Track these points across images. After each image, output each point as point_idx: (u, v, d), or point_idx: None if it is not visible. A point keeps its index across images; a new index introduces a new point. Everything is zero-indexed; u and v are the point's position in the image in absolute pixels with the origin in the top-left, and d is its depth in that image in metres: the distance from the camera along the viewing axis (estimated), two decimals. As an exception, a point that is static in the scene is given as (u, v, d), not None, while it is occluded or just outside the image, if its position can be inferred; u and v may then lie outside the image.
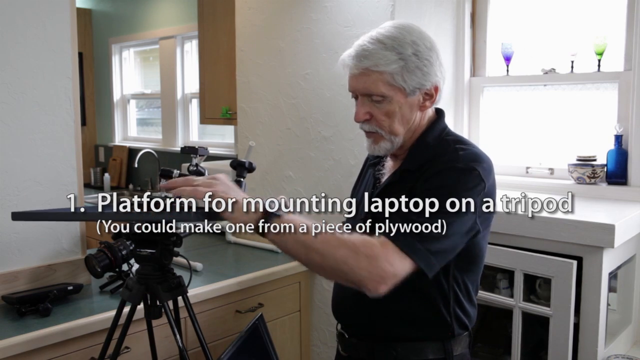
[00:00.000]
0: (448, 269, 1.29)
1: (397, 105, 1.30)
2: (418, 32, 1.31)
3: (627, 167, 2.12)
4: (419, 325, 1.34)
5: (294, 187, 2.47)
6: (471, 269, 1.35)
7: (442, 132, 1.37)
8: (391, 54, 1.26)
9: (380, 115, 1.31)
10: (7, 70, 1.81)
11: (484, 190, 1.25)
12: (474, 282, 1.37)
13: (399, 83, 1.27)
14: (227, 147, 4.10)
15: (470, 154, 1.29)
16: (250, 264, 2.29)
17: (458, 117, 2.52)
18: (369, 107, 1.31)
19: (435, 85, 1.32)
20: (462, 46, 2.48)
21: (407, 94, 1.29)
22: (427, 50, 1.29)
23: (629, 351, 2.03)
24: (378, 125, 1.32)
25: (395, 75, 1.27)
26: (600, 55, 2.17)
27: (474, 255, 1.34)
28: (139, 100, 5.27)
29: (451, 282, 1.31)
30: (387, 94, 1.29)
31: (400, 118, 1.31)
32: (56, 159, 1.93)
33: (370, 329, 1.39)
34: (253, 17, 2.57)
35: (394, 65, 1.26)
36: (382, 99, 1.29)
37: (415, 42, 1.28)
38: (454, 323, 1.34)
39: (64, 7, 1.92)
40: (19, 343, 1.55)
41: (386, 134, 1.33)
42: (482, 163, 1.28)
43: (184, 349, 1.46)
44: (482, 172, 1.25)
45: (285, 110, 2.48)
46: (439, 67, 1.31)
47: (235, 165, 1.57)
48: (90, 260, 1.48)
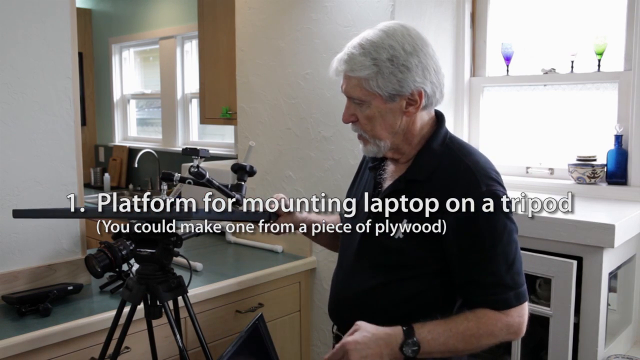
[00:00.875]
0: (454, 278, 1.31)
1: (377, 110, 1.30)
2: (401, 35, 1.28)
3: (627, 167, 2.12)
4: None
5: (294, 187, 2.47)
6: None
7: (445, 138, 1.36)
8: (366, 59, 1.26)
9: (362, 119, 1.32)
10: (7, 70, 1.81)
11: (508, 200, 1.27)
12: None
13: (374, 89, 1.27)
14: (227, 147, 4.10)
15: (494, 187, 1.27)
16: (251, 264, 2.29)
17: (458, 117, 2.52)
18: (354, 109, 1.33)
19: (418, 90, 1.28)
20: (462, 46, 2.48)
21: (384, 99, 1.28)
22: (405, 55, 1.26)
23: (629, 351, 2.03)
24: (362, 128, 1.34)
25: (369, 80, 1.27)
26: (600, 55, 2.17)
27: None
28: (139, 100, 5.27)
29: (457, 289, 1.32)
30: (364, 98, 1.29)
31: (382, 123, 1.31)
32: (56, 159, 1.93)
33: None
34: (253, 17, 2.57)
35: (366, 71, 1.26)
36: (362, 103, 1.30)
37: (393, 47, 1.26)
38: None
39: (64, 7, 1.92)
40: (19, 343, 1.55)
41: (370, 138, 1.34)
42: (500, 184, 1.29)
43: (184, 349, 1.46)
44: (501, 190, 1.28)
45: (285, 110, 2.49)
46: (421, 71, 1.28)
47: (237, 168, 1.58)
48: (90, 260, 1.48)
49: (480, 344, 1.25)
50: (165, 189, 1.50)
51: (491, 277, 1.25)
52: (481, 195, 1.24)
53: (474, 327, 1.24)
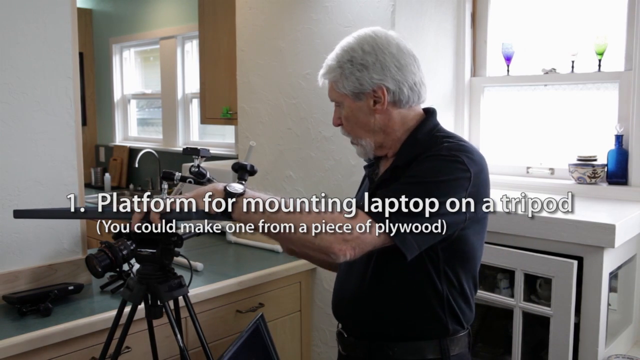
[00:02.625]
0: (438, 266, 1.30)
1: (349, 110, 1.37)
2: (364, 38, 1.35)
3: (628, 167, 2.12)
4: (415, 325, 1.34)
5: (295, 187, 2.47)
6: (464, 267, 1.34)
7: (432, 129, 1.38)
8: (334, 63, 1.36)
9: (344, 121, 1.40)
10: (7, 70, 1.81)
11: (471, 181, 1.24)
12: (470, 280, 1.37)
13: (341, 89, 1.36)
14: (227, 147, 4.10)
15: (456, 145, 1.30)
16: (251, 264, 2.29)
17: (458, 117, 2.52)
18: (338, 112, 1.41)
19: (379, 87, 1.32)
20: (462, 46, 2.48)
21: (352, 99, 1.36)
22: (363, 54, 1.32)
23: (630, 351, 2.03)
24: (345, 129, 1.41)
25: (337, 82, 1.36)
26: (600, 55, 2.17)
27: (464, 252, 1.33)
28: (139, 100, 5.27)
29: (443, 281, 1.32)
30: (338, 99, 1.38)
31: (357, 122, 1.38)
32: (57, 159, 1.93)
33: (366, 329, 1.40)
34: (253, 17, 2.57)
35: (333, 74, 1.36)
36: (339, 105, 1.39)
37: (353, 49, 1.34)
38: (449, 322, 1.34)
39: (64, 7, 1.92)
40: (20, 343, 1.55)
41: (354, 139, 1.42)
42: (468, 153, 1.28)
43: (185, 349, 1.46)
44: (466, 161, 1.25)
45: (285, 110, 2.49)
46: (380, 69, 1.32)
47: (237, 168, 1.58)
48: (91, 260, 1.48)
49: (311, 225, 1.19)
50: (166, 188, 1.50)
51: (391, 193, 1.21)
52: (437, 148, 1.29)
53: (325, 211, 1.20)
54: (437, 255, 1.29)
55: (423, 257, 1.28)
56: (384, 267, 1.34)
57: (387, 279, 1.35)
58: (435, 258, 1.30)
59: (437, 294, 1.32)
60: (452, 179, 1.24)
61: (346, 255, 1.18)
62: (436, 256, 1.29)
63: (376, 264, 1.36)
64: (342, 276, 1.49)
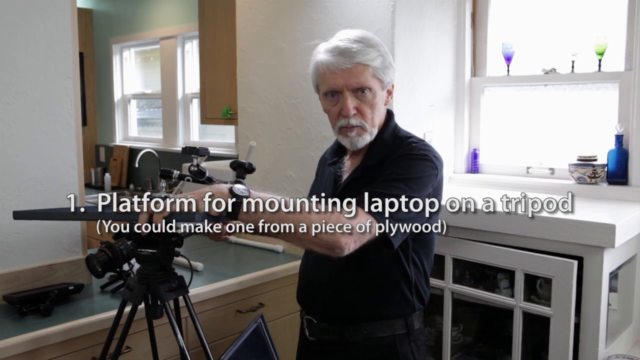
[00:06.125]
0: (407, 253, 1.44)
1: (379, 98, 1.43)
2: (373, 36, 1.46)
3: (628, 167, 2.12)
4: (385, 305, 1.46)
5: (295, 187, 2.47)
6: (426, 253, 1.49)
7: (394, 130, 1.50)
8: (373, 50, 1.40)
9: (366, 108, 1.42)
10: (8, 70, 1.81)
11: (437, 177, 1.39)
12: (429, 263, 1.53)
13: (381, 76, 1.42)
14: (227, 147, 4.10)
15: (422, 145, 1.44)
16: (251, 264, 2.29)
17: (458, 117, 2.52)
18: (356, 101, 1.42)
19: (393, 84, 1.48)
20: (462, 46, 2.48)
21: (382, 88, 1.44)
22: (388, 52, 1.45)
23: (630, 351, 2.03)
24: (363, 118, 1.43)
25: (378, 69, 1.41)
26: (600, 55, 2.17)
27: (427, 240, 1.49)
28: (139, 100, 5.27)
29: (411, 265, 1.45)
30: (373, 87, 1.41)
31: (377, 111, 1.45)
32: (57, 158, 1.93)
33: (340, 312, 1.49)
34: (254, 17, 2.57)
35: (377, 60, 1.40)
36: (369, 92, 1.41)
37: (380, 43, 1.43)
38: (415, 301, 1.48)
39: (64, 7, 1.92)
40: (20, 343, 1.55)
41: (369, 127, 1.44)
42: (434, 152, 1.42)
43: (185, 349, 1.46)
44: (434, 160, 1.40)
45: (286, 110, 2.49)
46: (394, 67, 1.47)
47: (235, 166, 1.58)
48: (91, 260, 1.48)
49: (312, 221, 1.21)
50: (164, 187, 1.50)
51: (385, 190, 1.29)
52: (407, 148, 1.42)
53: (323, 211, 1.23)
54: (407, 244, 1.42)
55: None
56: (360, 255, 1.35)
57: (363, 267, 1.44)
58: (405, 247, 1.42)
59: (406, 278, 1.46)
60: (425, 175, 1.36)
61: (350, 248, 1.24)
62: (406, 245, 1.42)
63: (353, 252, 1.37)
64: (311, 264, 1.56)
